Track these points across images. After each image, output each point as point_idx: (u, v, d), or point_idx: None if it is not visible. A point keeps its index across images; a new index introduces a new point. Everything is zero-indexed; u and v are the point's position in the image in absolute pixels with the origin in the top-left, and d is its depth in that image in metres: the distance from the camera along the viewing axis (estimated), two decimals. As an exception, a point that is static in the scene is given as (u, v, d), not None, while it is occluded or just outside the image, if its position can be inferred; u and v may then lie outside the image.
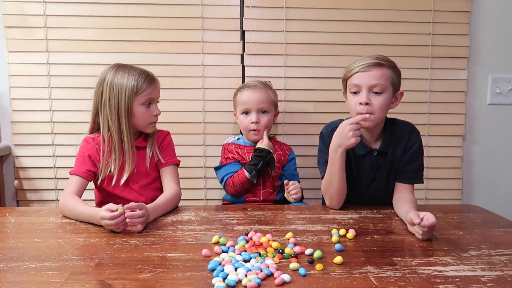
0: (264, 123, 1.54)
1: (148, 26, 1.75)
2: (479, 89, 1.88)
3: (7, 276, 0.79)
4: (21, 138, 1.79)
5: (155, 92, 1.32)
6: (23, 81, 1.76)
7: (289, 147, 1.66)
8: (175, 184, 1.35)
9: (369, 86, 1.21)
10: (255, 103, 1.53)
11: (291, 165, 1.62)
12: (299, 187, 1.46)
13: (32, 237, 1.01)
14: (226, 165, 1.55)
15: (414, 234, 1.03)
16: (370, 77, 1.20)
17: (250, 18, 1.77)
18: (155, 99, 1.33)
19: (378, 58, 1.23)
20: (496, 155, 1.93)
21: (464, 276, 0.80)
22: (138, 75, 1.28)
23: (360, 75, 1.21)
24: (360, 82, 1.22)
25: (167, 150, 1.40)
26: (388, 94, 1.23)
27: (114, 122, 1.27)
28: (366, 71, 1.21)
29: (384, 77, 1.21)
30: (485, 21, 1.84)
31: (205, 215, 1.21)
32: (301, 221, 1.16)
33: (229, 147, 1.58)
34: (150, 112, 1.31)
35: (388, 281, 0.77)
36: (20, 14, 1.72)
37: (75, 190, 1.24)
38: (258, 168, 1.45)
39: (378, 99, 1.21)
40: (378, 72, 1.21)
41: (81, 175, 1.27)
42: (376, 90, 1.21)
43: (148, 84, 1.28)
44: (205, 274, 0.80)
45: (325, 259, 0.87)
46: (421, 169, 1.32)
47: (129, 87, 1.26)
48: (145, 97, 1.28)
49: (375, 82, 1.20)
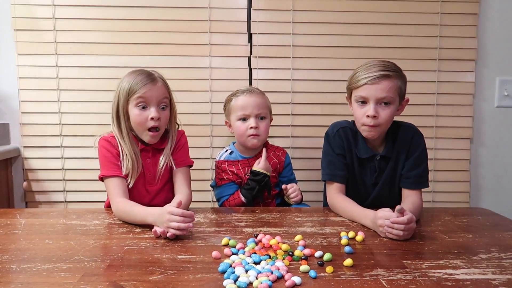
0: (263, 129, 1.46)
1: (156, 29, 1.77)
2: (486, 92, 1.88)
3: (20, 277, 0.80)
4: (30, 140, 1.80)
5: (151, 93, 1.22)
6: (32, 84, 1.77)
7: (283, 151, 1.58)
8: (187, 187, 1.31)
9: (377, 99, 1.19)
10: (253, 108, 1.44)
11: (287, 171, 1.56)
12: (298, 189, 1.44)
13: (43, 239, 1.01)
14: (221, 186, 1.48)
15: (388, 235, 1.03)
16: (378, 90, 1.18)
17: (258, 21, 1.78)
18: (150, 101, 1.23)
19: (386, 67, 1.20)
20: (504, 157, 1.92)
21: (475, 279, 0.80)
22: (136, 76, 1.23)
23: (368, 88, 1.19)
24: (368, 94, 1.20)
25: (182, 150, 1.36)
26: (395, 105, 1.23)
27: (115, 125, 1.26)
28: (374, 84, 1.18)
29: (392, 90, 1.19)
30: (493, 23, 1.84)
31: (214, 217, 1.22)
32: (310, 223, 1.16)
33: (222, 166, 1.49)
34: (146, 115, 1.23)
35: (399, 284, 0.77)
36: (30, 17, 1.74)
37: (120, 193, 1.19)
38: (254, 194, 1.41)
39: (385, 112, 1.21)
40: (386, 84, 1.18)
41: (117, 175, 1.22)
42: (383, 101, 1.20)
43: (142, 84, 1.21)
44: (216, 276, 0.80)
45: (335, 262, 0.87)
46: (426, 173, 1.30)
47: (125, 89, 1.23)
48: (139, 97, 1.21)
49: (383, 95, 1.19)
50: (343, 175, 1.32)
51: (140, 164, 1.27)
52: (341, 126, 1.34)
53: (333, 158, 1.33)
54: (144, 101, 1.23)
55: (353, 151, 1.33)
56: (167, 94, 1.29)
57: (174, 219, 0.98)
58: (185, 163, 1.36)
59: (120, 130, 1.26)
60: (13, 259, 0.88)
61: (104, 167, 1.25)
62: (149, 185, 1.32)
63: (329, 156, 1.34)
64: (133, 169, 1.25)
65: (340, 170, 1.31)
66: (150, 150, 1.31)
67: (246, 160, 1.51)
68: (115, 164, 1.24)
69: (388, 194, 1.34)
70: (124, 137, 1.25)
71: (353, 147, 1.33)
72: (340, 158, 1.32)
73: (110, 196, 1.23)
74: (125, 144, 1.25)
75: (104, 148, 1.26)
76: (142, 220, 1.09)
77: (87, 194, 1.82)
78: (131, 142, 1.26)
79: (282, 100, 1.80)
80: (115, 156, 1.25)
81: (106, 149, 1.26)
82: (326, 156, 1.35)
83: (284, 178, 1.55)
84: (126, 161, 1.24)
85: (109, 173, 1.23)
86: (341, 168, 1.32)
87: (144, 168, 1.30)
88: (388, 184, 1.33)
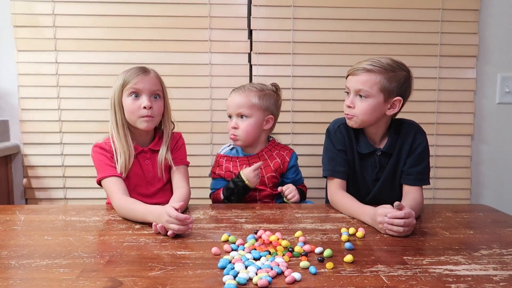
0: (243, 129, 1.43)
1: (155, 25, 1.76)
2: (488, 88, 1.87)
3: (19, 273, 0.79)
4: (30, 136, 1.80)
5: (143, 83, 1.25)
6: (32, 80, 1.77)
7: (290, 151, 1.52)
8: (186, 183, 1.33)
9: (355, 90, 1.25)
10: (233, 108, 1.44)
11: (291, 173, 1.50)
12: (294, 189, 1.41)
13: (42, 235, 1.01)
14: (213, 179, 1.53)
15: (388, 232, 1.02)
16: (355, 81, 1.24)
17: (258, 17, 1.77)
18: (143, 91, 1.25)
19: (372, 63, 1.23)
20: (505, 154, 1.91)
21: (476, 275, 0.79)
22: (129, 70, 1.27)
23: (350, 78, 1.27)
24: (349, 85, 1.27)
25: (180, 150, 1.38)
26: (374, 100, 1.22)
27: (113, 121, 1.27)
28: (354, 75, 1.25)
29: (369, 83, 1.21)
30: (494, 19, 1.83)
31: (214, 214, 1.21)
32: (310, 220, 1.15)
33: (219, 160, 1.52)
34: (138, 104, 1.25)
35: (399, 280, 0.77)
36: (29, 14, 1.73)
37: (120, 191, 1.20)
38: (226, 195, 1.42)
39: (361, 104, 1.24)
40: (364, 77, 1.22)
41: (114, 175, 1.23)
42: (361, 93, 1.24)
43: (135, 74, 1.25)
44: (216, 272, 0.80)
45: (335, 258, 0.87)
46: (427, 170, 1.29)
47: (120, 82, 1.26)
48: (131, 87, 1.24)
49: (359, 87, 1.23)
50: (344, 171, 1.31)
51: (132, 157, 1.28)
52: (342, 122, 1.35)
53: (334, 154, 1.32)
54: (136, 91, 1.25)
55: (354, 147, 1.32)
56: (160, 86, 1.31)
57: (173, 222, 0.98)
58: (183, 162, 1.38)
59: (116, 124, 1.27)
60: (12, 255, 0.88)
61: (100, 170, 1.26)
62: (150, 185, 1.33)
63: (330, 152, 1.33)
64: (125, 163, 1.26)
65: (341, 166, 1.31)
66: (148, 151, 1.33)
67: (246, 158, 1.50)
68: (110, 166, 1.25)
69: (389, 191, 1.33)
70: (119, 130, 1.27)
71: (354, 143, 1.32)
72: (341, 154, 1.32)
73: (110, 196, 1.22)
74: (119, 138, 1.26)
75: (97, 153, 1.28)
76: (142, 218, 1.09)
77: (87, 191, 1.82)
78: (126, 137, 1.27)
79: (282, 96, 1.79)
80: (109, 158, 1.26)
81: (100, 153, 1.27)
82: (327, 152, 1.35)
83: (288, 179, 1.51)
84: (119, 157, 1.25)
85: (106, 174, 1.24)
86: (342, 164, 1.31)
87: (144, 170, 1.31)
88: (389, 181, 1.32)
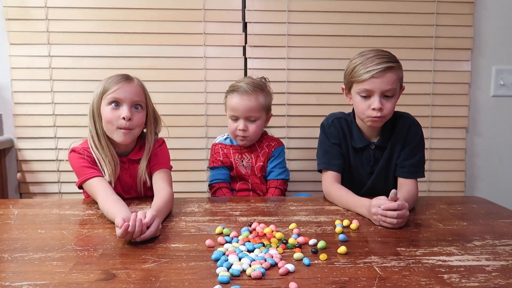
0: (253, 131, 1.46)
1: (149, 18, 1.75)
2: (483, 81, 1.87)
3: (12, 266, 0.79)
4: (23, 131, 1.79)
5: (124, 92, 1.17)
6: (25, 74, 1.75)
7: (277, 142, 1.56)
8: (167, 184, 1.22)
9: (382, 92, 1.19)
10: (243, 112, 1.44)
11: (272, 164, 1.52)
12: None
13: (36, 228, 1.01)
14: (214, 169, 1.53)
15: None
16: (383, 83, 1.18)
17: (252, 9, 1.76)
18: (124, 100, 1.17)
19: (388, 59, 1.19)
20: (499, 147, 1.92)
21: (469, 265, 0.80)
22: (110, 77, 1.20)
23: (373, 81, 1.18)
24: (373, 87, 1.19)
25: (159, 156, 1.29)
26: (397, 95, 1.24)
27: (91, 129, 1.21)
28: (380, 77, 1.17)
29: (396, 81, 1.20)
30: (489, 12, 1.83)
31: (208, 207, 1.21)
32: (304, 212, 1.15)
33: (216, 148, 1.55)
34: (117, 114, 1.17)
35: (392, 270, 0.77)
36: (21, 6, 1.71)
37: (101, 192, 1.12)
38: None
39: (389, 103, 1.21)
40: (391, 77, 1.18)
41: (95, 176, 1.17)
42: (388, 94, 1.20)
43: (116, 82, 1.18)
44: (209, 264, 0.80)
45: (329, 250, 0.87)
46: (422, 163, 1.30)
47: (100, 89, 1.19)
48: (110, 96, 1.17)
49: (388, 87, 1.19)
50: (339, 164, 1.31)
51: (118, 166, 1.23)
52: (336, 117, 1.35)
53: (328, 147, 1.33)
54: (116, 100, 1.18)
55: (348, 141, 1.33)
56: (143, 96, 1.23)
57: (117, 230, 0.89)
58: (165, 165, 1.29)
59: (97, 133, 1.21)
60: (5, 249, 0.87)
61: (80, 174, 1.20)
62: (126, 194, 1.28)
63: (325, 146, 1.33)
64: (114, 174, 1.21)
65: (335, 159, 1.31)
66: (126, 161, 1.26)
67: (239, 146, 1.53)
68: (90, 168, 1.19)
69: (383, 184, 1.33)
70: (101, 140, 1.20)
71: (348, 137, 1.32)
72: (336, 147, 1.32)
73: (95, 197, 1.16)
74: (102, 148, 1.20)
75: (74, 158, 1.21)
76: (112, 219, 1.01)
77: (82, 185, 1.81)
78: (108, 146, 1.21)
79: (277, 89, 1.78)
80: (88, 161, 1.20)
81: (77, 158, 1.21)
82: (321, 146, 1.35)
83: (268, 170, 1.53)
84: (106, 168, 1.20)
85: (86, 177, 1.18)
86: (337, 157, 1.31)
87: (120, 179, 1.26)
88: (383, 174, 1.33)
